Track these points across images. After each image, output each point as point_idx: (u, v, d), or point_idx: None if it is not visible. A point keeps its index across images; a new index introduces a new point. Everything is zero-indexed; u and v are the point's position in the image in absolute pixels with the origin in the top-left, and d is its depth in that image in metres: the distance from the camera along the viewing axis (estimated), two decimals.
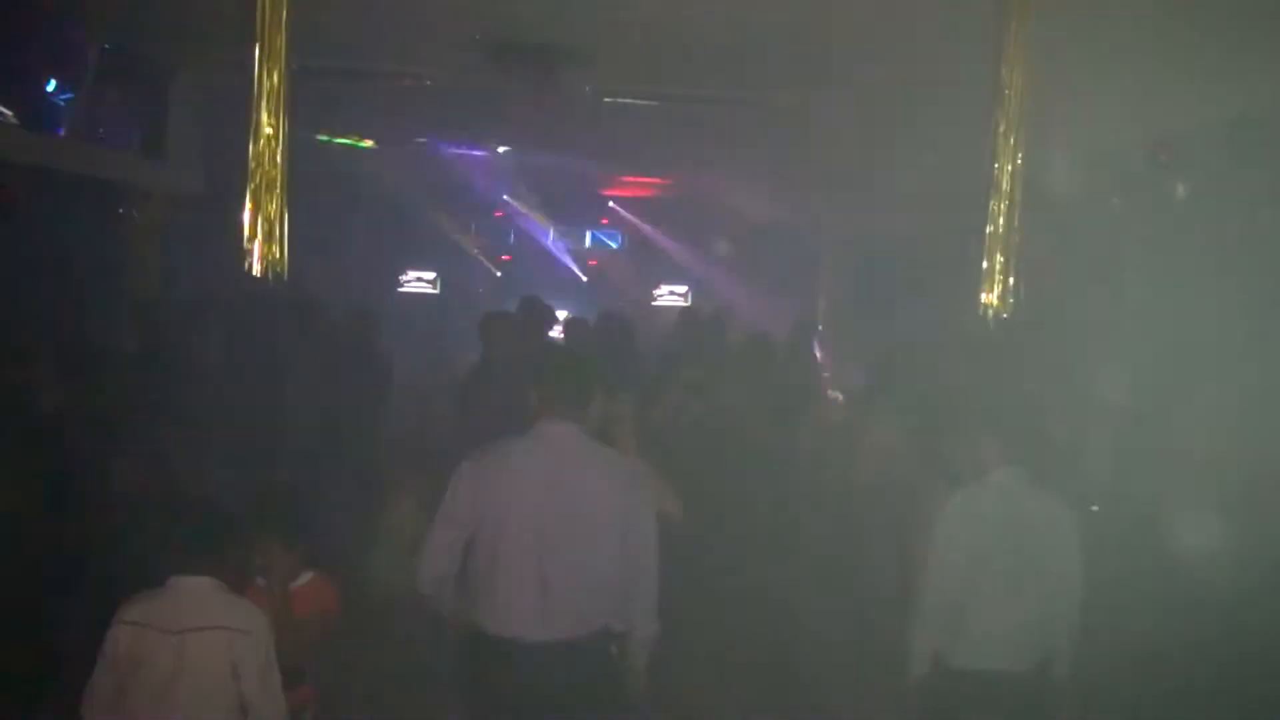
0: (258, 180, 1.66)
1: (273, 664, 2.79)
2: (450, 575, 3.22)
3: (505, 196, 12.78)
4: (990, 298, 2.03)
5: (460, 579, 3.25)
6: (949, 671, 3.42)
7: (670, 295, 13.08)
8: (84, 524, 4.02)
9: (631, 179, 11.62)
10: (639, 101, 6.89)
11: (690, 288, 13.02)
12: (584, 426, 3.30)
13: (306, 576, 3.35)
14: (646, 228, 13.11)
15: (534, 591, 3.10)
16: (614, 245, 13.59)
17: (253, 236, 1.65)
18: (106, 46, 5.54)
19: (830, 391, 6.41)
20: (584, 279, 13.54)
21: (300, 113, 2.02)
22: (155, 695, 2.71)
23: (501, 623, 3.13)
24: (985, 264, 1.99)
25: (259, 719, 2.81)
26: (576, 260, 13.60)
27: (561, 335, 7.39)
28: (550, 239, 13.40)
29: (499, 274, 13.30)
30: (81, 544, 4.01)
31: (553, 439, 3.22)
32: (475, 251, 13.37)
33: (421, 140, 9.25)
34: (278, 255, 1.70)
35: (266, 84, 1.68)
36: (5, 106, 5.24)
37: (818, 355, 7.16)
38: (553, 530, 3.13)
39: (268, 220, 1.67)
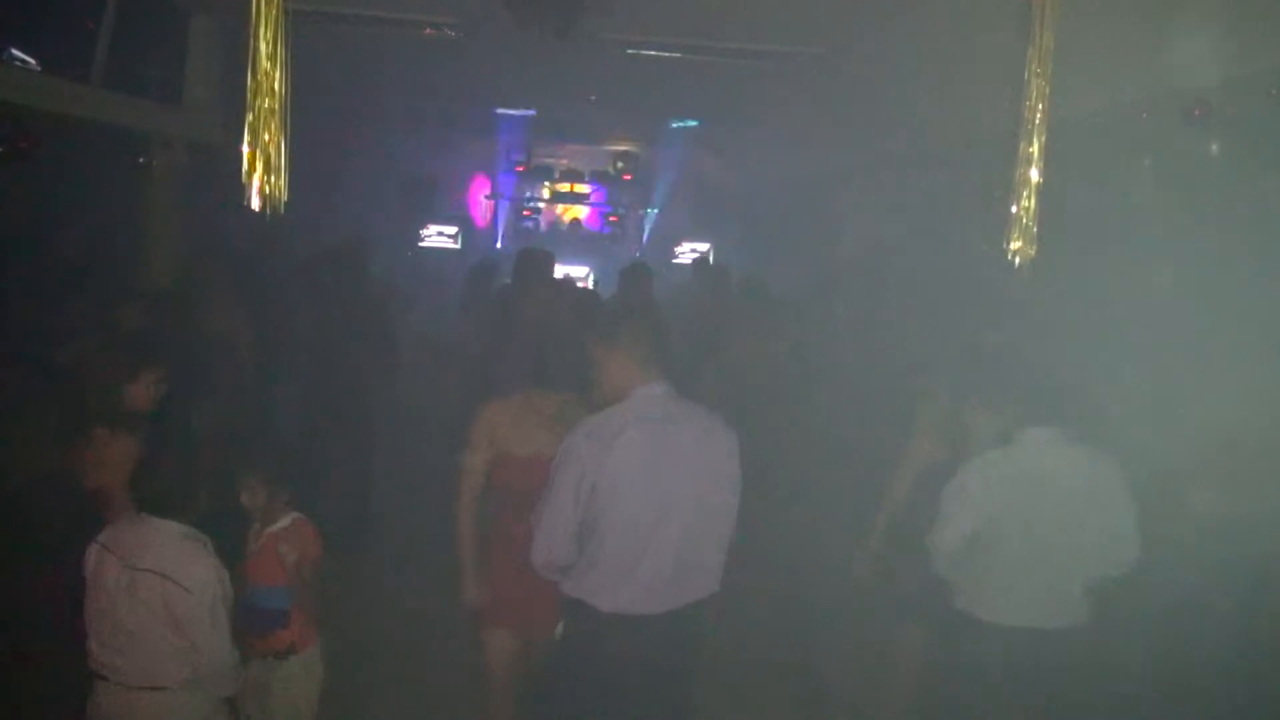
0: (256, 111, 1.61)
1: (218, 623, 2.76)
2: (571, 563, 3.01)
3: (525, 150, 12.71)
4: (1016, 242, 1.96)
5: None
6: (974, 624, 3.39)
7: (692, 252, 12.98)
8: None
9: (653, 133, 11.49)
10: (662, 53, 6.78)
11: (712, 245, 12.93)
12: (670, 384, 3.10)
13: (289, 518, 3.34)
14: (669, 183, 12.99)
15: (655, 564, 2.97)
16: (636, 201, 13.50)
17: (252, 170, 1.62)
18: None
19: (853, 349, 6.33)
20: (605, 234, 13.47)
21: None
22: (110, 618, 2.75)
23: (622, 599, 2.97)
24: (1013, 208, 1.93)
25: (207, 667, 2.80)
26: (597, 215, 13.52)
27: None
28: (571, 193, 13.33)
29: (522, 226, 13.26)
30: None
31: (657, 404, 3.03)
32: (496, 205, 13.32)
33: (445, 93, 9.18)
34: (277, 189, 1.66)
35: (265, 11, 1.63)
36: (28, 53, 5.23)
37: (842, 312, 7.07)
38: (674, 500, 2.98)
39: (265, 153, 1.63)
